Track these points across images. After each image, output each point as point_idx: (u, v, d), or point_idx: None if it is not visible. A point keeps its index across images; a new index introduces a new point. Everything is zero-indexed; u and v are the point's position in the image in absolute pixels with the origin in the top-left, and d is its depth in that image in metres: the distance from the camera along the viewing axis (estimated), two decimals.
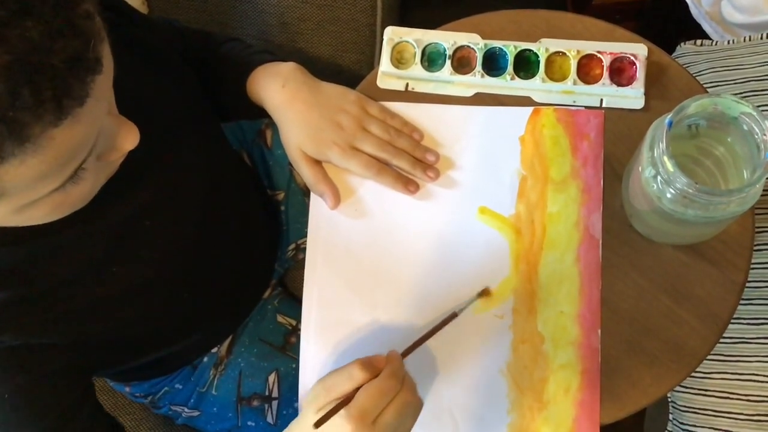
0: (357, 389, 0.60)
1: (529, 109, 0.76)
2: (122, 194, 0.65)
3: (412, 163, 0.75)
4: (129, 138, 0.55)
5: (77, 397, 0.66)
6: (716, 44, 1.04)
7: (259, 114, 0.79)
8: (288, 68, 0.76)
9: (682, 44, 1.07)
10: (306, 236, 0.76)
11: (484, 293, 0.72)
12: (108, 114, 0.52)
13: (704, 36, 1.13)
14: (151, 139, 0.66)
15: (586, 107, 0.75)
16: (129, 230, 0.66)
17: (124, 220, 0.66)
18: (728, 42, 1.03)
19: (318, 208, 0.76)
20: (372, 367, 0.61)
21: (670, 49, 0.88)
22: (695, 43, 1.06)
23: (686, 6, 1.17)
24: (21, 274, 0.60)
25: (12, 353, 0.60)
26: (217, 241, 0.78)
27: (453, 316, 0.70)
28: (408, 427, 0.63)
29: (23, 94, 0.41)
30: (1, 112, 0.41)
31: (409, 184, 0.75)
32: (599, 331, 0.70)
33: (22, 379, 0.61)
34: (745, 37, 1.01)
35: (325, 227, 0.76)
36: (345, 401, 0.59)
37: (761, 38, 0.99)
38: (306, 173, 0.75)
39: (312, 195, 0.77)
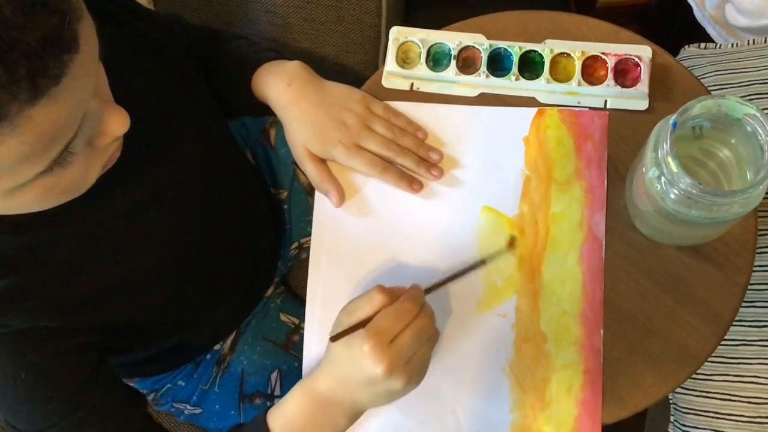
0: (377, 313, 0.61)
1: (534, 110, 0.76)
2: (125, 185, 0.65)
3: (416, 161, 0.75)
4: (116, 122, 0.53)
5: (91, 372, 0.66)
6: (720, 47, 1.04)
7: (264, 111, 0.79)
8: (293, 67, 0.76)
9: (686, 47, 1.07)
10: (309, 235, 0.76)
11: (512, 243, 0.72)
12: (95, 97, 0.51)
13: (708, 39, 1.13)
14: (154, 132, 0.66)
15: (590, 108, 0.75)
16: (133, 221, 0.67)
17: (128, 210, 0.66)
18: (732, 45, 1.03)
19: (322, 206, 0.76)
20: (392, 292, 0.62)
21: (674, 52, 0.88)
22: (699, 46, 1.06)
23: (690, 9, 1.18)
24: (24, 261, 0.60)
25: (23, 335, 0.61)
26: (219, 236, 0.79)
27: (481, 263, 0.70)
28: (424, 354, 0.63)
29: None
30: None
31: (413, 183, 0.75)
32: (602, 331, 0.70)
33: (36, 358, 0.62)
34: (749, 41, 1.01)
35: (330, 225, 0.76)
36: (363, 322, 0.61)
37: (765, 42, 0.99)
38: (311, 171, 0.75)
39: (316, 193, 0.77)
